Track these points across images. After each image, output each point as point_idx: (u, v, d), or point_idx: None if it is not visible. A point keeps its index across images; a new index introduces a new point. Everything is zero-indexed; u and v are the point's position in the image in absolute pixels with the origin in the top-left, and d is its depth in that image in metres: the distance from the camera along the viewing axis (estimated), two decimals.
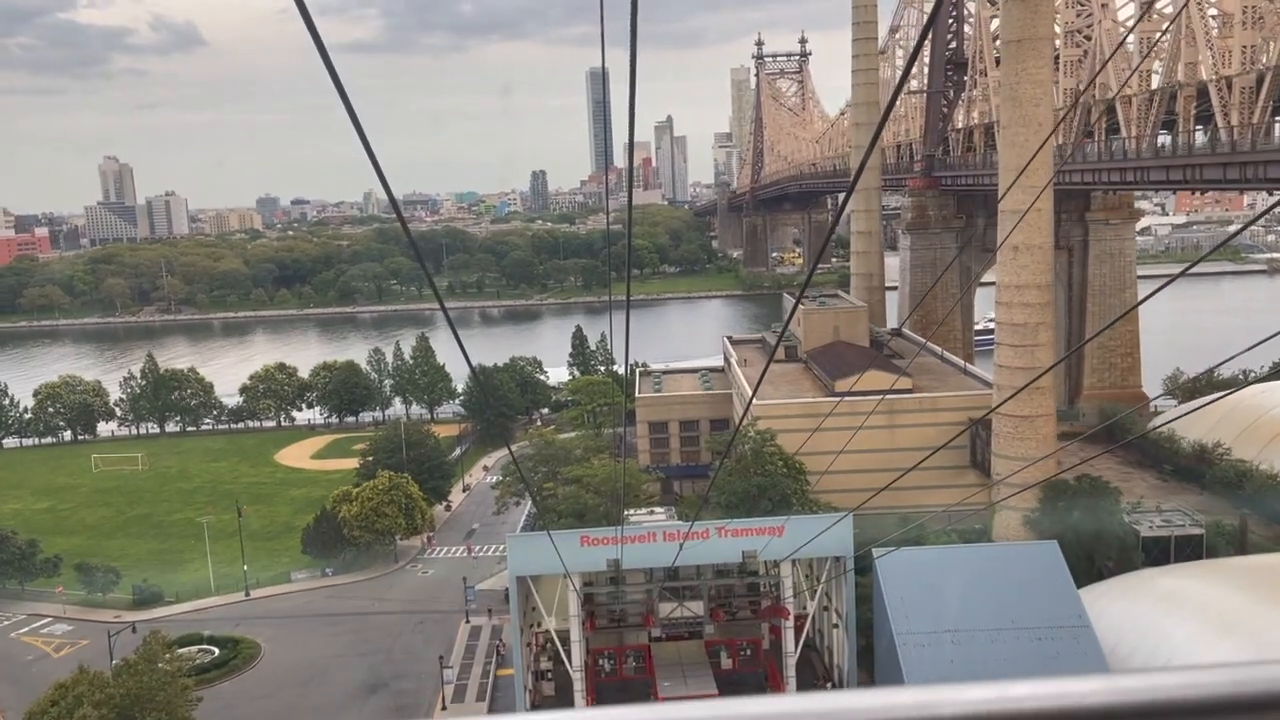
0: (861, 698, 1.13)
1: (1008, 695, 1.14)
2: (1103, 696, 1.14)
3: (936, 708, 1.11)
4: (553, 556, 46.95)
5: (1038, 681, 1.21)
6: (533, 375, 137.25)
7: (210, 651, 68.27)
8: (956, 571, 51.32)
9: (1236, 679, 1.15)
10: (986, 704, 1.12)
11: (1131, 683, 1.20)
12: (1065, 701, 1.13)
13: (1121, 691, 1.16)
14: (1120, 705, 1.12)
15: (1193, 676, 1.16)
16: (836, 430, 71.45)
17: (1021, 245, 62.03)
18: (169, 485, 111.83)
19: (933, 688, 1.16)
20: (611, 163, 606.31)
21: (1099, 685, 1.18)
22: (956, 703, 1.12)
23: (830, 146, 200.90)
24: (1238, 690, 1.12)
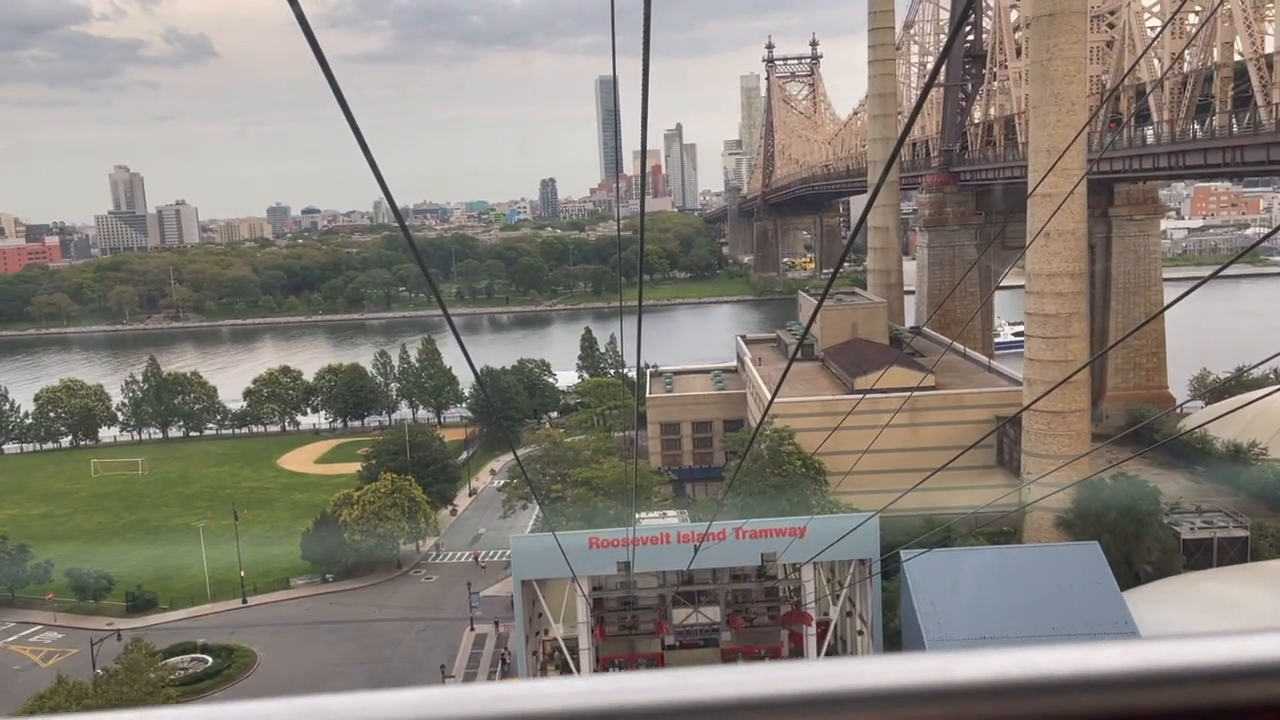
0: (864, 666, 1.11)
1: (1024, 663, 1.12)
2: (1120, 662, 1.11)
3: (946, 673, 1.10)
4: (559, 559, 43.84)
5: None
6: (541, 378, 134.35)
7: (203, 660, 65.40)
8: (991, 575, 48.09)
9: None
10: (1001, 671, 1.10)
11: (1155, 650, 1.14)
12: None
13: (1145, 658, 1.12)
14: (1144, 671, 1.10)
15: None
16: (857, 429, 68.40)
17: (1053, 231, 58.86)
18: (169, 490, 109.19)
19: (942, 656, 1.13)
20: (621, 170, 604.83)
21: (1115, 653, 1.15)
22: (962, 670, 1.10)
23: (843, 147, 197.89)
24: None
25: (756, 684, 1.09)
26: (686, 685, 1.06)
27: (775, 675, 1.10)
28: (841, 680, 1.11)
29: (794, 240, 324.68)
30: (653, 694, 1.02)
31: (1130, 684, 1.09)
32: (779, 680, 1.10)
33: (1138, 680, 1.09)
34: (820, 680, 1.11)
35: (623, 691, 1.02)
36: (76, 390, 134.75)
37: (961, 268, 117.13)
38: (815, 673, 1.12)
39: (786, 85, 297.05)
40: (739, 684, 1.08)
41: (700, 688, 1.05)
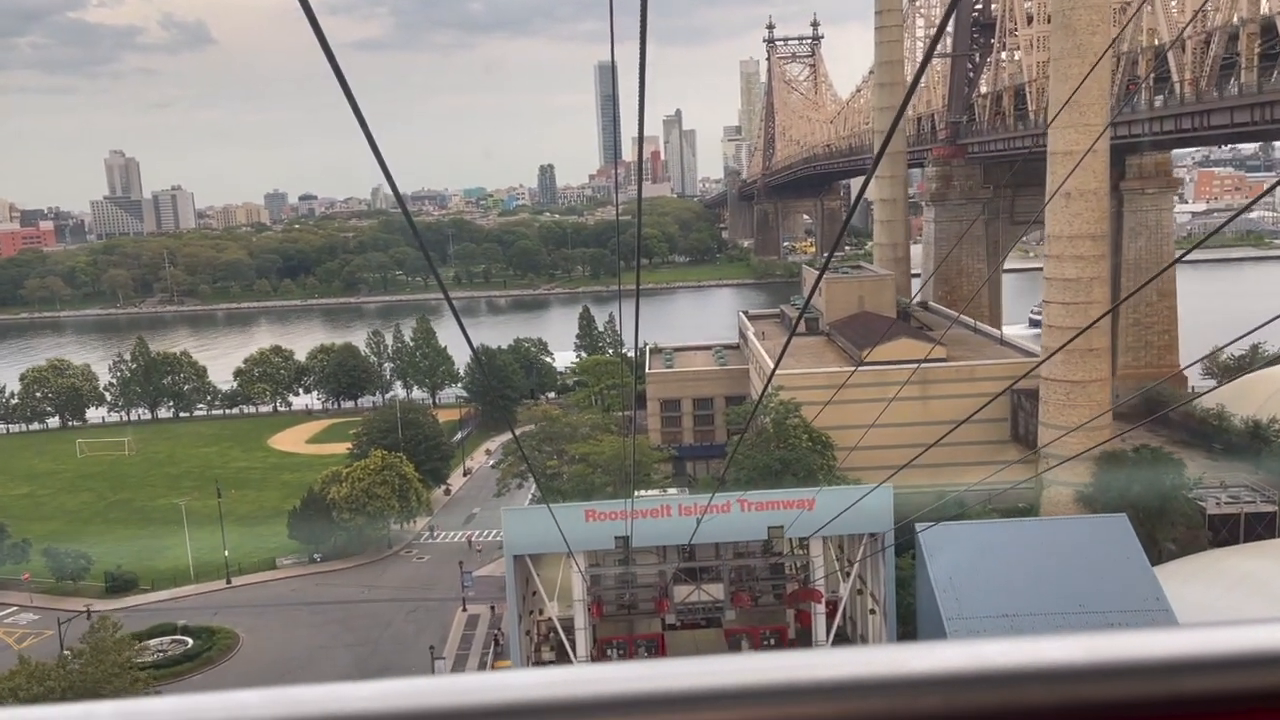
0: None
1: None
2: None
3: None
4: (554, 533, 41.07)
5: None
6: (538, 358, 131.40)
7: (183, 642, 62.69)
8: (1013, 549, 45.24)
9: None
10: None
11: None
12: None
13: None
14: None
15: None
16: (866, 402, 65.68)
17: (1075, 191, 55.86)
18: (155, 470, 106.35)
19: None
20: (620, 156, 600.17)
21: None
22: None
23: (846, 125, 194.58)
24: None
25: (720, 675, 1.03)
26: (649, 677, 1.01)
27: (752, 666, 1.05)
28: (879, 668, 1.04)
29: (794, 224, 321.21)
30: (616, 685, 0.99)
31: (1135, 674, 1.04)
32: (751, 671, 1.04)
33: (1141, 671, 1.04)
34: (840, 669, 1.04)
35: (586, 683, 1.00)
36: (63, 370, 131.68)
37: (969, 242, 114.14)
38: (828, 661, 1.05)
39: (787, 66, 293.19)
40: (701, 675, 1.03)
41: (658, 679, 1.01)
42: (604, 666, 1.03)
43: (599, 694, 0.99)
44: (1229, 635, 1.06)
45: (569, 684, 0.99)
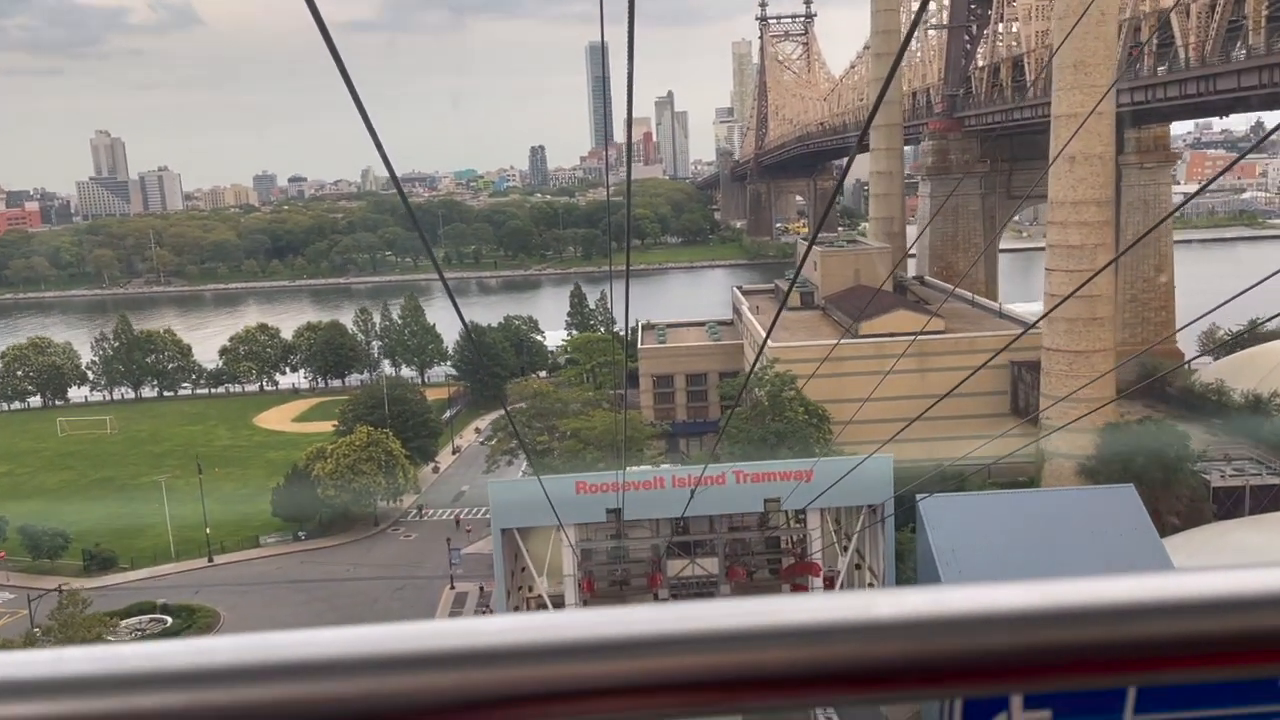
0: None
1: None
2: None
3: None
4: (543, 506, 39.32)
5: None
6: (528, 336, 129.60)
7: (162, 621, 61.07)
8: (1018, 519, 43.76)
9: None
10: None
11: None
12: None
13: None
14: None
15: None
16: (863, 375, 64.25)
17: (1079, 155, 54.26)
18: (137, 449, 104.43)
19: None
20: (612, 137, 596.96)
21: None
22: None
23: (840, 103, 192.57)
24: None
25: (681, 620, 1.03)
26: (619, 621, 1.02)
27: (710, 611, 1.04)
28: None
29: (787, 204, 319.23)
30: (584, 630, 1.00)
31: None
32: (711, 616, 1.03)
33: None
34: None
35: (557, 628, 1.00)
36: (44, 348, 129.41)
37: (966, 217, 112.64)
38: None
39: (780, 45, 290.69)
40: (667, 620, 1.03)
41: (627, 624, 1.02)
42: (563, 614, 1.04)
43: (560, 639, 0.99)
44: (1166, 582, 1.06)
45: (538, 629, 0.99)
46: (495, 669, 0.98)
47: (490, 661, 0.98)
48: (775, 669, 0.99)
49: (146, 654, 0.94)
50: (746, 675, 0.99)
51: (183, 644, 0.97)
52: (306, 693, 0.95)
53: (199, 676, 0.95)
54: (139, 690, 0.93)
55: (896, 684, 1.02)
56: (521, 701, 0.98)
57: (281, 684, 0.94)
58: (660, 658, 0.99)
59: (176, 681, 0.94)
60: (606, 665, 0.99)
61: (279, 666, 0.95)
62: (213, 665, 0.95)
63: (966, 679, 1.04)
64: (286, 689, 0.94)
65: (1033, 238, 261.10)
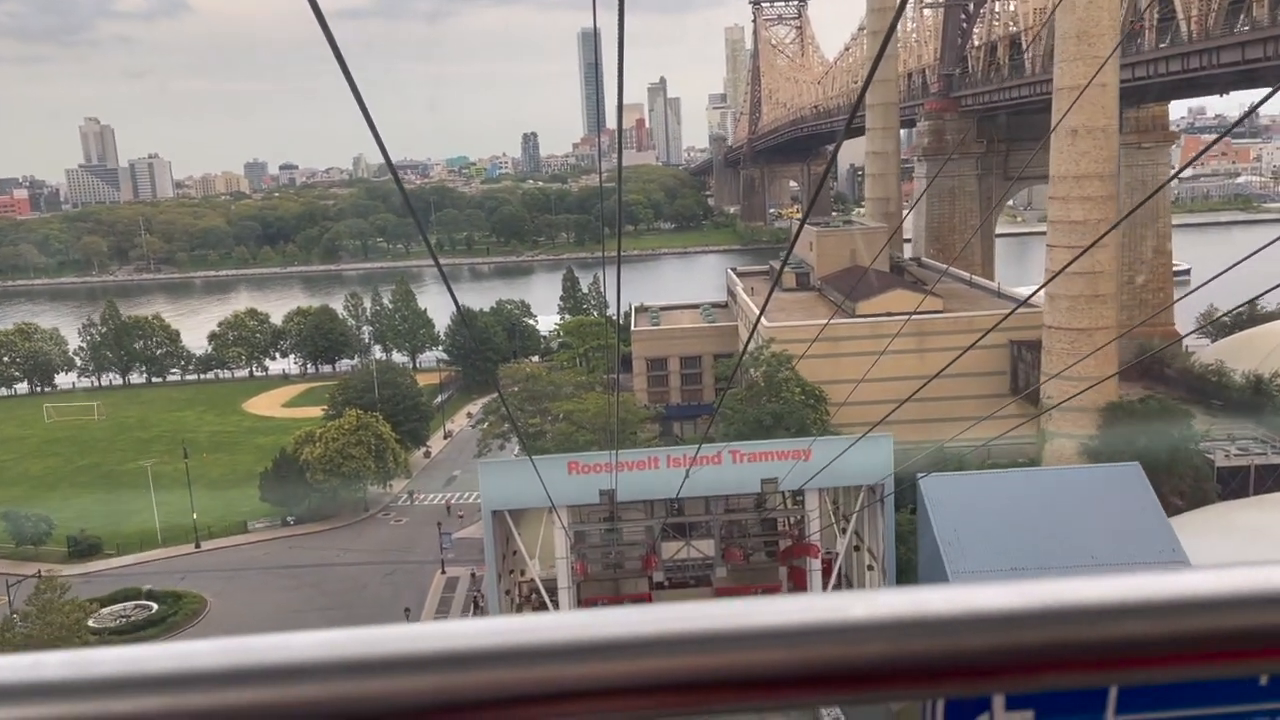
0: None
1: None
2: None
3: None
4: (535, 487, 38.16)
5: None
6: (521, 320, 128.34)
7: (148, 607, 59.95)
8: (1020, 498, 42.76)
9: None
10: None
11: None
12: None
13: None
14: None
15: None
16: (860, 355, 63.17)
17: (1081, 129, 53.12)
18: (124, 435, 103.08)
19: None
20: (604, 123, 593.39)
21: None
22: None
23: (834, 85, 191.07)
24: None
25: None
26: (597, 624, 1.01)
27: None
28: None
29: (781, 190, 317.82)
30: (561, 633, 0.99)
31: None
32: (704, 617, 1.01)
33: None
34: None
35: (533, 630, 0.99)
36: (30, 334, 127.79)
37: (962, 199, 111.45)
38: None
39: (773, 29, 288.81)
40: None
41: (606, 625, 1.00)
42: (536, 616, 1.03)
43: (533, 642, 0.98)
44: (1146, 582, 1.05)
45: (512, 632, 0.98)
46: (474, 672, 0.97)
47: (469, 664, 0.97)
48: (752, 671, 0.99)
49: (123, 658, 0.93)
50: (723, 677, 0.99)
51: (161, 648, 0.96)
52: (285, 697, 0.94)
53: (177, 680, 0.93)
54: (116, 695, 0.92)
55: (875, 685, 1.01)
56: (496, 705, 0.97)
57: (260, 688, 0.93)
58: (635, 660, 0.98)
59: (154, 686, 0.93)
60: (581, 668, 0.98)
61: (258, 670, 0.94)
62: (192, 669, 0.94)
63: (946, 680, 1.04)
64: (265, 693, 0.93)
65: (1027, 222, 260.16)
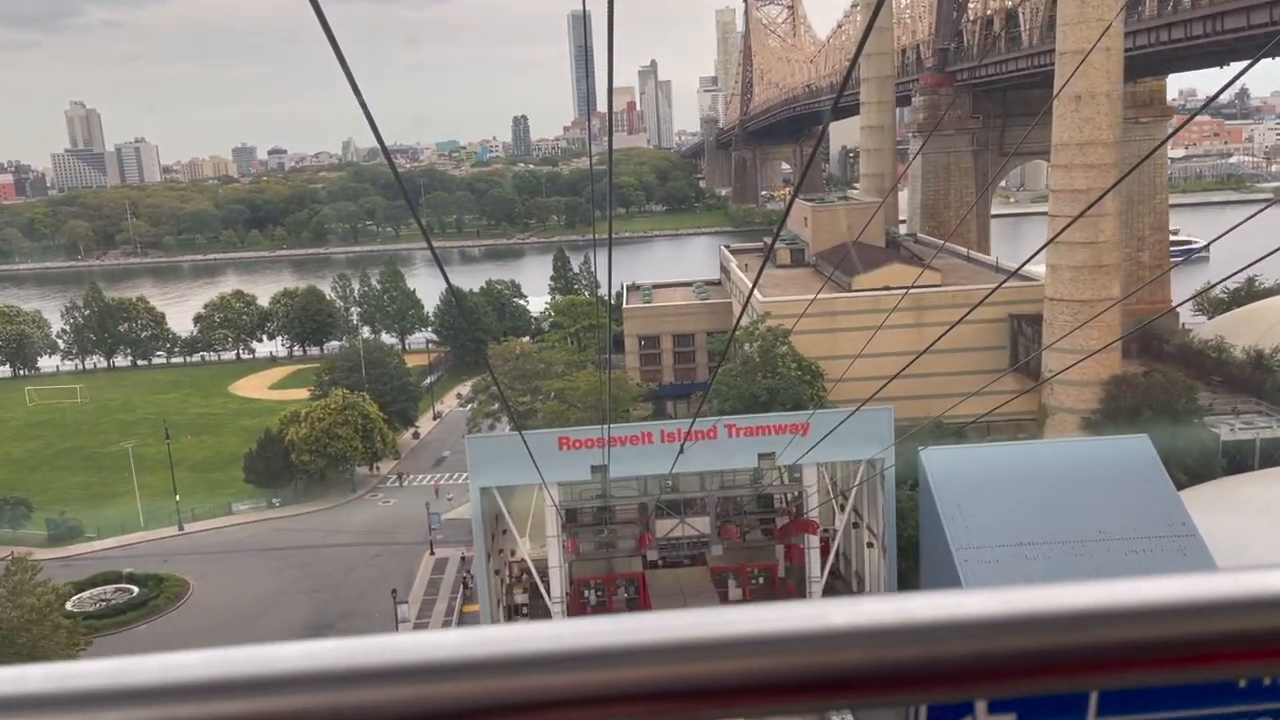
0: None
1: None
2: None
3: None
4: (525, 463, 36.65)
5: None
6: (511, 300, 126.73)
7: (128, 591, 58.43)
8: (1025, 472, 41.48)
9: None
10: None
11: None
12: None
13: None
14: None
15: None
16: (858, 330, 61.94)
17: (1085, 94, 51.66)
18: (108, 417, 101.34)
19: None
20: (595, 106, 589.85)
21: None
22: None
23: (827, 64, 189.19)
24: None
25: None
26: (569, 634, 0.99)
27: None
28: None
29: (773, 172, 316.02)
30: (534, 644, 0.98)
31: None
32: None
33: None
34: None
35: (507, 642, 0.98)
36: (12, 316, 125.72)
37: (958, 175, 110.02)
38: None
39: (764, 9, 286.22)
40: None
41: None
42: (512, 627, 1.01)
43: (510, 653, 0.97)
44: (1125, 588, 1.04)
45: (482, 644, 0.97)
46: (458, 683, 0.96)
47: (454, 675, 0.96)
48: (732, 679, 0.98)
49: (108, 670, 0.92)
50: (704, 686, 0.98)
51: (146, 660, 0.94)
52: (271, 708, 0.92)
53: (163, 693, 0.92)
54: (101, 708, 0.90)
55: (857, 692, 1.00)
56: (477, 715, 0.96)
57: (247, 700, 0.92)
58: (613, 670, 0.97)
59: (139, 698, 0.91)
60: (559, 678, 0.97)
61: (244, 682, 0.93)
62: (177, 681, 0.92)
63: (928, 686, 1.03)
64: (252, 705, 0.92)
65: (1020, 203, 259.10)
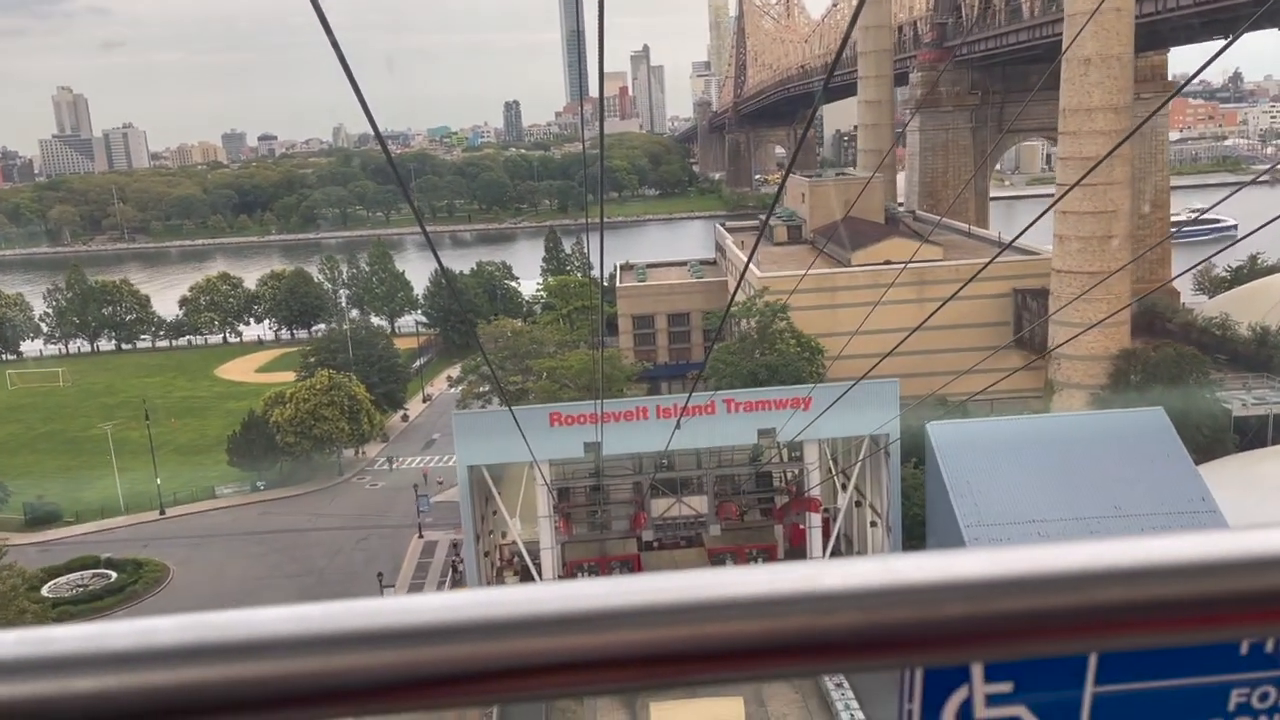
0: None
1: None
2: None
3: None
4: (515, 440, 34.97)
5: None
6: (502, 282, 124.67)
7: (106, 576, 56.54)
8: (1037, 446, 39.86)
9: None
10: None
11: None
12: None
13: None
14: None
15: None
16: (858, 306, 60.02)
17: (1095, 56, 49.81)
18: (90, 401, 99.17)
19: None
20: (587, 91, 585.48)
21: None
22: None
23: (821, 44, 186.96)
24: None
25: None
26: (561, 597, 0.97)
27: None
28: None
29: (766, 156, 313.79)
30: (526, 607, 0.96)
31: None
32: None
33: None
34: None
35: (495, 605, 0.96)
36: None
37: (956, 153, 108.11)
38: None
39: None
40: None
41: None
42: (503, 589, 0.99)
43: (503, 616, 0.96)
44: (1123, 547, 1.02)
45: (477, 605, 0.95)
46: (441, 646, 0.94)
47: (436, 639, 0.94)
48: (722, 642, 0.97)
49: (82, 635, 0.91)
50: (693, 650, 0.97)
51: (121, 624, 0.92)
52: (248, 673, 0.91)
53: (138, 658, 0.91)
54: (76, 673, 0.89)
55: (849, 655, 0.99)
56: (464, 680, 0.95)
57: (223, 664, 0.91)
58: (603, 633, 0.96)
59: (115, 663, 0.90)
60: (548, 642, 0.95)
61: (220, 646, 0.91)
62: (152, 646, 0.91)
63: (922, 649, 1.02)
64: (228, 670, 0.91)
65: (1015, 186, 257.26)
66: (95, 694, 0.89)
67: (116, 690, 0.89)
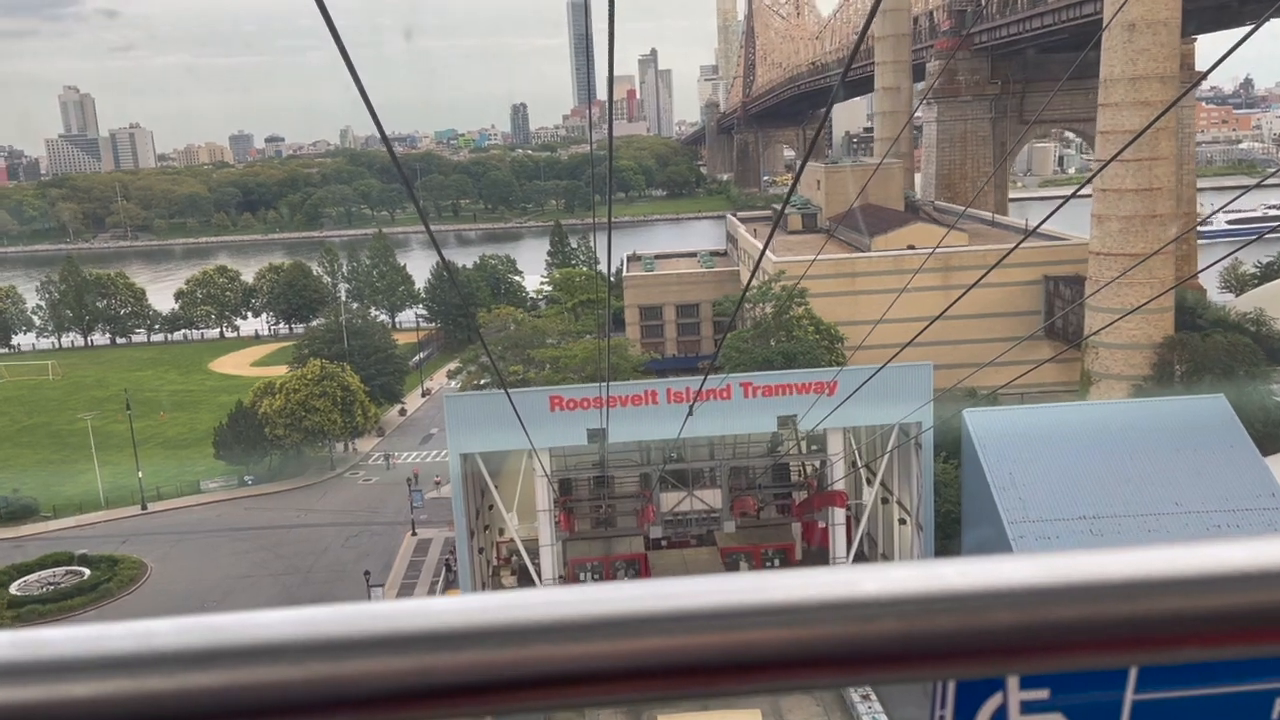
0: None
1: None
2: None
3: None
4: (512, 425, 31.50)
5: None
6: (506, 276, 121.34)
7: (79, 573, 53.16)
8: (1086, 437, 36.27)
9: None
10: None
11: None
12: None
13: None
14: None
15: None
16: (880, 293, 56.78)
17: (1140, 21, 46.30)
18: (80, 394, 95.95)
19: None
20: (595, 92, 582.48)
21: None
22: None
23: (833, 39, 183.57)
24: None
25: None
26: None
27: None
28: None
29: (775, 157, 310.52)
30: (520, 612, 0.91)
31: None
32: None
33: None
34: None
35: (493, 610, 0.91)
36: None
37: (974, 144, 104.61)
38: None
39: None
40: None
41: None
42: (535, 591, 0.94)
43: (528, 620, 0.90)
44: (1169, 555, 0.96)
45: (502, 609, 0.90)
46: (456, 653, 0.89)
47: (450, 644, 0.89)
48: (755, 651, 0.92)
49: (76, 638, 0.88)
50: (726, 658, 0.92)
51: (117, 626, 0.89)
52: (247, 678, 0.87)
53: (135, 662, 0.87)
54: (70, 677, 0.86)
55: (887, 666, 0.94)
56: (484, 689, 0.89)
57: (222, 669, 0.87)
58: (632, 640, 0.91)
59: (111, 667, 0.86)
60: (574, 649, 0.90)
61: (220, 651, 0.87)
62: (150, 650, 0.87)
63: (962, 660, 0.96)
64: (226, 675, 0.87)
65: (1027, 188, 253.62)
66: (91, 700, 0.85)
67: (113, 696, 0.85)
